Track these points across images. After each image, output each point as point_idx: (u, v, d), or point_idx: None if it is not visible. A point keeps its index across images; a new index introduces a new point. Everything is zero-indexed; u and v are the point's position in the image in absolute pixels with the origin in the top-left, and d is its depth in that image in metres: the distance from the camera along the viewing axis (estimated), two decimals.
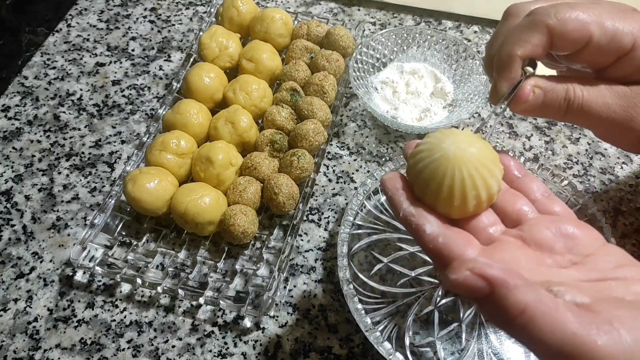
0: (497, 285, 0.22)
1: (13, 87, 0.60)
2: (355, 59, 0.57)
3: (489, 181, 0.28)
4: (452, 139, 0.28)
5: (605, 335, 0.21)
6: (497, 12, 0.67)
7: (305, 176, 0.49)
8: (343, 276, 0.44)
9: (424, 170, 0.28)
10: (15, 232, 0.49)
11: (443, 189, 0.28)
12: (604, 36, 0.30)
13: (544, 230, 0.28)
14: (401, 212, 0.28)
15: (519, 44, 0.31)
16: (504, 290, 0.21)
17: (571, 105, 0.31)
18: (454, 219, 0.29)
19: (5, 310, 0.45)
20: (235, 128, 0.50)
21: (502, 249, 0.27)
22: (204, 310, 0.45)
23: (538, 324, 0.21)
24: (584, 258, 0.27)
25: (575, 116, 0.32)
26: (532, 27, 0.31)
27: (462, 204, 0.28)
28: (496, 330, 0.43)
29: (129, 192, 0.46)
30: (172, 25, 0.67)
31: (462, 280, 0.22)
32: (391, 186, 0.29)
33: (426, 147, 0.29)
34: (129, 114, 0.58)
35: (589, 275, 0.25)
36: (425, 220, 0.27)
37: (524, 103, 0.32)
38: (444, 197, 0.28)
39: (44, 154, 0.55)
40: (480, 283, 0.22)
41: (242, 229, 0.45)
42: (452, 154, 0.28)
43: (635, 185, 0.55)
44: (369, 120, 0.58)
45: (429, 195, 0.28)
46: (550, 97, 0.32)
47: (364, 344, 0.44)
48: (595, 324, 0.21)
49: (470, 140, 0.28)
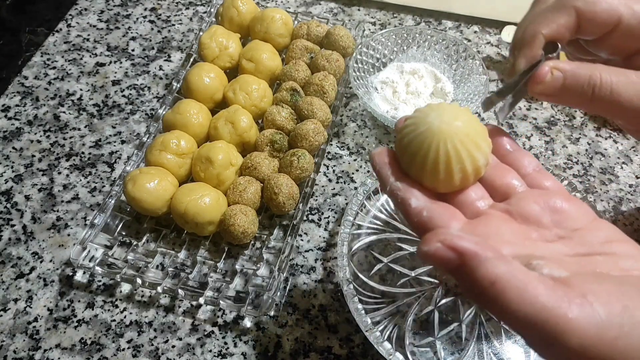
0: (468, 257, 0.22)
1: (13, 87, 0.60)
2: (355, 59, 0.57)
3: (475, 154, 0.28)
4: (437, 112, 0.28)
5: (577, 308, 0.20)
6: (497, 12, 0.67)
7: (305, 176, 0.49)
8: (343, 276, 0.44)
9: (410, 144, 0.28)
10: (15, 232, 0.49)
11: (428, 162, 0.28)
12: (634, 18, 0.30)
13: (531, 204, 0.27)
14: (388, 186, 0.29)
15: (544, 23, 0.31)
16: (474, 262, 0.22)
17: (597, 91, 0.29)
18: (441, 194, 0.29)
19: (5, 310, 0.45)
20: (235, 128, 0.50)
21: (486, 222, 0.27)
22: (204, 310, 0.45)
23: (508, 296, 0.21)
24: (572, 232, 0.26)
25: (603, 104, 0.30)
26: (560, 8, 0.30)
27: (447, 178, 0.28)
28: (496, 330, 0.43)
29: (129, 192, 0.46)
30: (172, 25, 0.67)
31: (433, 252, 0.22)
32: (379, 160, 0.30)
33: (413, 121, 0.29)
34: (129, 114, 0.58)
35: (575, 249, 0.25)
36: (411, 194, 0.28)
37: (540, 84, 0.30)
38: (429, 171, 0.28)
39: (44, 154, 0.55)
40: (451, 255, 0.22)
41: (242, 229, 0.45)
42: (437, 128, 0.27)
43: (635, 185, 0.55)
44: (369, 120, 0.58)
45: (414, 169, 0.28)
46: (571, 81, 0.30)
47: (364, 344, 0.44)
48: (568, 297, 0.21)
49: (457, 114, 0.28)
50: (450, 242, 0.22)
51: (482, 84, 0.56)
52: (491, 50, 0.65)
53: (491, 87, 0.61)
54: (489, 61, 0.64)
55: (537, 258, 0.23)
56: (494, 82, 0.62)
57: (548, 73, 0.30)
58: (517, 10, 0.66)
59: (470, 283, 0.22)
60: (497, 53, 0.65)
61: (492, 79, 0.62)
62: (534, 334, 0.21)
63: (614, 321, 0.20)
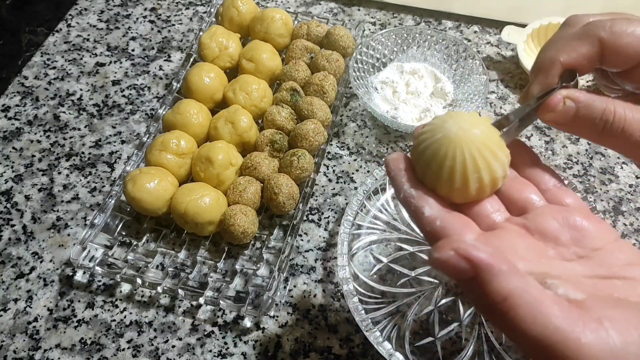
0: (481, 269, 0.21)
1: (13, 87, 0.60)
2: (355, 59, 0.57)
3: (492, 164, 0.27)
4: (455, 119, 0.27)
5: (591, 333, 0.20)
6: (497, 12, 0.67)
7: (305, 176, 0.49)
8: (343, 276, 0.44)
9: (426, 150, 0.28)
10: (15, 232, 0.49)
11: (444, 169, 0.27)
12: None
13: (550, 220, 0.26)
14: (402, 193, 0.28)
15: (564, 50, 0.29)
16: (488, 275, 0.21)
17: (609, 127, 0.28)
18: (456, 204, 0.28)
19: (5, 310, 0.45)
20: (235, 128, 0.50)
21: (501, 236, 0.26)
22: (204, 310, 0.45)
23: (520, 313, 0.20)
24: (592, 252, 0.25)
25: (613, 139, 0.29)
26: (583, 37, 0.29)
27: (463, 187, 0.27)
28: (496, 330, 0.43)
29: (129, 192, 0.46)
30: (172, 25, 0.67)
31: (445, 260, 0.21)
32: (394, 167, 0.29)
33: (429, 128, 0.28)
34: (129, 114, 0.58)
35: (594, 270, 0.24)
36: (425, 202, 0.27)
37: (551, 112, 0.29)
38: (445, 179, 0.27)
39: (44, 154, 0.55)
40: (463, 264, 0.21)
41: (242, 229, 0.45)
42: (454, 135, 0.27)
43: (635, 185, 0.55)
44: (369, 120, 0.58)
45: (430, 177, 0.28)
46: (584, 113, 0.28)
47: (364, 344, 0.44)
48: (582, 320, 0.20)
49: (475, 122, 0.27)
50: (465, 251, 0.21)
51: (482, 84, 0.56)
52: (491, 50, 0.65)
53: (491, 87, 0.61)
54: (489, 61, 0.64)
55: (552, 277, 0.23)
56: (494, 82, 0.62)
57: (560, 102, 0.29)
58: (517, 10, 0.66)
59: (481, 296, 0.21)
60: (497, 53, 0.65)
61: (492, 79, 0.62)
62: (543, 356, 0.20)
63: (630, 350, 0.20)
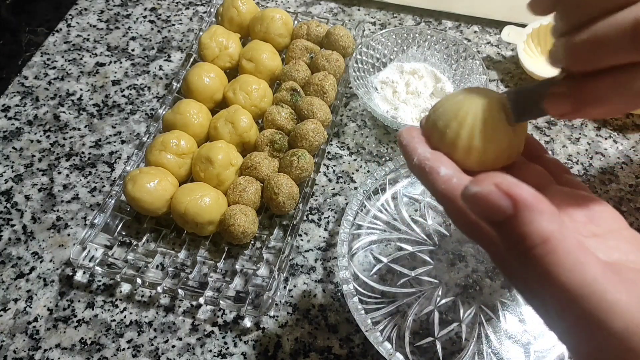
0: (523, 207, 0.19)
1: (13, 87, 0.60)
2: (355, 59, 0.57)
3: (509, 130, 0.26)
4: (470, 90, 0.27)
5: (627, 291, 0.18)
6: (497, 12, 0.67)
7: (305, 176, 0.49)
8: (343, 276, 0.44)
9: (439, 119, 0.27)
10: (15, 232, 0.49)
11: (464, 127, 0.26)
12: None
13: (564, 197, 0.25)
14: (415, 157, 0.26)
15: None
16: (529, 214, 0.19)
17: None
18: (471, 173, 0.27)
19: (5, 310, 0.45)
20: (235, 128, 0.50)
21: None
22: (204, 310, 0.45)
23: (558, 258, 0.19)
24: (607, 233, 0.24)
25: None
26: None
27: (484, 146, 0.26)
28: (496, 330, 0.43)
29: (129, 192, 0.46)
30: (172, 25, 0.67)
31: (485, 194, 0.20)
32: (407, 135, 0.28)
33: (442, 102, 0.28)
34: (129, 114, 0.58)
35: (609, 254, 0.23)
36: (440, 162, 0.25)
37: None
38: (465, 137, 0.26)
39: (44, 154, 0.55)
40: (505, 202, 0.19)
41: (242, 229, 0.45)
42: (469, 99, 0.26)
43: (635, 185, 0.55)
44: (369, 120, 0.58)
45: (447, 140, 0.27)
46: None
47: (364, 344, 0.44)
48: (619, 277, 0.19)
49: (490, 92, 0.27)
50: (507, 186, 0.19)
51: (482, 84, 0.55)
52: (491, 50, 0.65)
53: (491, 87, 0.61)
54: (489, 61, 0.64)
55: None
56: (494, 82, 0.62)
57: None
58: (517, 10, 0.66)
59: (517, 238, 0.19)
60: (497, 53, 0.65)
61: (492, 79, 0.62)
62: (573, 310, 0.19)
63: None
